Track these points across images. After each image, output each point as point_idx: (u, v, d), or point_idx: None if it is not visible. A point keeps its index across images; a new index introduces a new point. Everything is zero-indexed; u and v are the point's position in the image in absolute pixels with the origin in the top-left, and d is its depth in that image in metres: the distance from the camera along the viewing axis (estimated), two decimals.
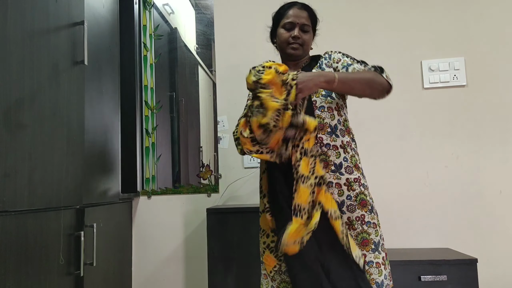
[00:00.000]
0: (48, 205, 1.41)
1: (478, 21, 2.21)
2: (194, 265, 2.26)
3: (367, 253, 1.33)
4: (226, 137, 2.32)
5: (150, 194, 2.34)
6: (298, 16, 1.46)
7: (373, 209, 1.39)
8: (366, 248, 1.33)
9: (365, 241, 1.33)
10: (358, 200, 1.36)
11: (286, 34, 1.48)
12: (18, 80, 1.28)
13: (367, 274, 1.32)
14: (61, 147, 1.51)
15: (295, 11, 1.47)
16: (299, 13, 1.47)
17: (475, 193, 2.13)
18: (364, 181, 1.41)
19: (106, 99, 1.97)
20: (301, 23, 1.46)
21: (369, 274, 1.32)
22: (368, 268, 1.32)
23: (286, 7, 1.50)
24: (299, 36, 1.46)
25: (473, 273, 1.77)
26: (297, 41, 1.46)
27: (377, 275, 1.32)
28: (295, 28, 1.46)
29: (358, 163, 1.42)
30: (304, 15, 1.47)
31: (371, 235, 1.34)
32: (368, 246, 1.33)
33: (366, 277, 1.30)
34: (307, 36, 1.49)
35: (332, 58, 1.50)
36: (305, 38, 1.48)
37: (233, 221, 1.85)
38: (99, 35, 1.92)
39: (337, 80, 1.30)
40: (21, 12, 1.31)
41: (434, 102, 2.19)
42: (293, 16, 1.46)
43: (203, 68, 2.42)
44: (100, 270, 1.79)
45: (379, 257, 1.34)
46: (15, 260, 1.22)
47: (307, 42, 1.49)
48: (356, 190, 1.36)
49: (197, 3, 2.45)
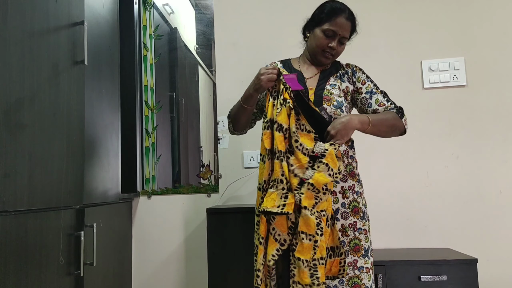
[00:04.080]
0: (48, 205, 1.40)
1: (478, 21, 2.21)
2: (194, 265, 2.26)
3: (358, 258, 1.39)
4: (226, 137, 2.31)
5: (150, 194, 2.34)
6: (343, 27, 1.43)
7: (365, 216, 1.45)
8: (357, 254, 1.39)
9: (356, 247, 1.40)
10: (351, 207, 1.41)
11: (324, 41, 1.44)
12: (18, 80, 1.28)
13: (358, 279, 1.37)
14: (61, 147, 1.51)
15: (342, 21, 1.42)
16: (345, 24, 1.42)
17: (475, 193, 2.13)
18: (358, 187, 1.45)
19: (106, 99, 1.97)
20: (342, 35, 1.44)
21: (360, 279, 1.38)
22: (359, 274, 1.38)
23: (334, 11, 1.43)
24: (335, 47, 1.44)
25: (473, 273, 1.77)
26: (332, 52, 1.45)
27: (367, 280, 1.38)
28: (335, 39, 1.43)
29: (354, 170, 1.46)
30: (348, 27, 1.44)
31: (362, 241, 1.40)
32: (359, 252, 1.40)
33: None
34: (342, 48, 1.48)
35: (356, 77, 1.52)
36: (339, 50, 1.47)
37: (233, 221, 1.85)
38: (99, 35, 1.92)
39: (371, 124, 1.38)
40: (21, 12, 1.31)
41: (434, 102, 2.19)
42: (338, 26, 1.42)
43: (203, 68, 2.42)
44: (100, 270, 1.79)
45: (368, 262, 1.40)
46: (15, 260, 1.22)
47: (339, 54, 1.49)
48: (350, 198, 1.42)
49: (197, 3, 2.45)
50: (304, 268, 1.23)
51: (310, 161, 1.30)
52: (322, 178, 1.25)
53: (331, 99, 1.44)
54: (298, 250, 1.24)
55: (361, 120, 1.36)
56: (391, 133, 1.47)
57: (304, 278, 1.23)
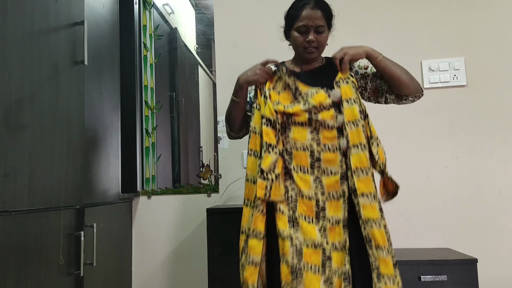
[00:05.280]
0: (48, 205, 1.41)
1: (478, 21, 2.21)
2: (194, 265, 2.26)
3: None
4: (226, 137, 2.31)
5: (150, 194, 2.34)
6: (312, 18, 1.37)
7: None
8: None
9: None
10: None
11: (301, 38, 1.41)
12: (18, 80, 1.28)
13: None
14: (61, 147, 1.51)
15: (308, 12, 1.37)
16: (312, 14, 1.37)
17: (475, 193, 2.13)
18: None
19: (106, 99, 1.97)
20: (315, 25, 1.38)
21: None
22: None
23: (298, 7, 1.40)
24: (314, 39, 1.39)
25: (473, 273, 1.77)
26: (312, 45, 1.41)
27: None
28: (309, 32, 1.39)
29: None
30: (318, 15, 1.38)
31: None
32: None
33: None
34: (322, 38, 1.42)
35: (356, 65, 1.51)
36: (320, 40, 1.41)
37: (233, 221, 1.84)
38: (99, 35, 1.92)
39: (383, 56, 1.40)
40: (21, 12, 1.31)
41: (434, 102, 2.19)
42: (306, 18, 1.37)
43: (203, 68, 2.42)
44: (100, 270, 1.79)
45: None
46: (15, 260, 1.22)
47: (323, 43, 1.43)
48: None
49: (197, 3, 2.45)
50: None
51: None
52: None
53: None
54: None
55: (373, 48, 1.41)
56: (406, 79, 1.41)
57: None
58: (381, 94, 1.49)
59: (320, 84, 1.41)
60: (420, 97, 1.47)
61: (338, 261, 1.29)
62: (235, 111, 1.52)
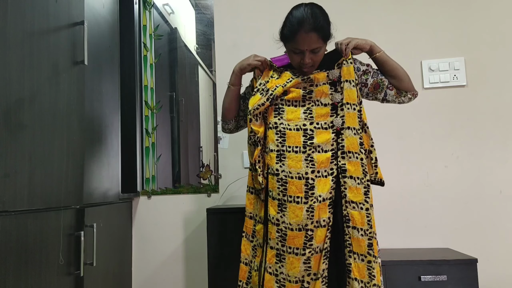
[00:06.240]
0: (48, 205, 1.40)
1: (478, 21, 2.21)
2: (194, 265, 2.26)
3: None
4: (226, 137, 2.31)
5: (150, 194, 2.34)
6: (306, 43, 1.35)
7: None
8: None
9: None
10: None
11: (297, 58, 1.40)
12: (18, 80, 1.28)
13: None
14: (61, 147, 1.51)
15: (303, 37, 1.34)
16: (307, 38, 1.34)
17: (475, 193, 2.13)
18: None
19: (106, 99, 1.97)
20: (310, 49, 1.36)
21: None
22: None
23: (292, 29, 1.36)
24: (308, 62, 1.39)
25: (473, 273, 1.77)
26: (308, 65, 1.40)
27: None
28: (304, 54, 1.37)
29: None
30: (313, 39, 1.34)
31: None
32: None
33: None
34: (318, 57, 1.41)
35: (360, 62, 1.53)
36: (316, 59, 1.41)
37: (233, 221, 1.84)
38: (99, 35, 1.92)
39: (383, 52, 1.48)
40: (21, 12, 1.31)
41: (434, 102, 2.19)
42: (302, 43, 1.35)
43: (203, 68, 2.42)
44: (100, 270, 1.79)
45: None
46: (15, 260, 1.22)
47: (319, 60, 1.43)
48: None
49: (197, 3, 2.45)
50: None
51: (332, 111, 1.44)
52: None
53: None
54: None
55: (374, 43, 1.49)
56: (403, 78, 1.50)
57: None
58: (381, 90, 1.52)
59: (321, 68, 1.47)
60: (416, 96, 1.55)
61: (320, 238, 1.37)
62: (228, 99, 1.59)
